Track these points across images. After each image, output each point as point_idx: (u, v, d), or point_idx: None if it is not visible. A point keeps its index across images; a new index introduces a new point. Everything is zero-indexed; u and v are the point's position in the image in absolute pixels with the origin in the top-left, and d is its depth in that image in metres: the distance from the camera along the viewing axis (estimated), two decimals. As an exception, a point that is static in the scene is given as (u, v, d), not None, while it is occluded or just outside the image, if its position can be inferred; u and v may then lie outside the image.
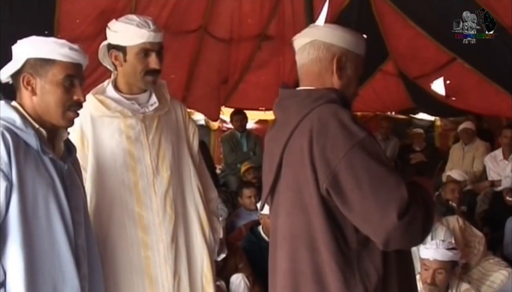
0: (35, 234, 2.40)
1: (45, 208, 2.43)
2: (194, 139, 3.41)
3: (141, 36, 3.04)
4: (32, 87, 2.50)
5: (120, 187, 3.13)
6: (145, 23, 3.06)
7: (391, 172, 2.16)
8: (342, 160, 2.14)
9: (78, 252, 2.55)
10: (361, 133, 2.17)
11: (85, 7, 6.91)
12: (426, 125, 11.33)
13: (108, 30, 3.15)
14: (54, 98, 2.50)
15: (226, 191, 8.00)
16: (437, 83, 9.58)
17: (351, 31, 2.45)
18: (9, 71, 2.53)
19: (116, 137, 3.13)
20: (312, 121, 2.24)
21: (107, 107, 3.13)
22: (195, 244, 3.30)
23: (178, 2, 7.57)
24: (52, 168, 2.48)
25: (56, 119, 2.52)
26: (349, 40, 2.40)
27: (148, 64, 3.10)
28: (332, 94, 2.31)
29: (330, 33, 2.41)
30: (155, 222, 3.15)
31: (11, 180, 2.33)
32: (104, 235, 3.10)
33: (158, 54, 3.11)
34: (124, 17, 3.14)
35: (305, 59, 2.43)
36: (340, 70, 2.38)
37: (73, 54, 2.52)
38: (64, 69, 2.50)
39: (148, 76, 3.13)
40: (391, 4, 8.36)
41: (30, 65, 2.49)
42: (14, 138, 2.36)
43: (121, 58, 3.12)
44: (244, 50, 9.16)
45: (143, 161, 3.15)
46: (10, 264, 2.34)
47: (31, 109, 2.51)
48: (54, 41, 2.55)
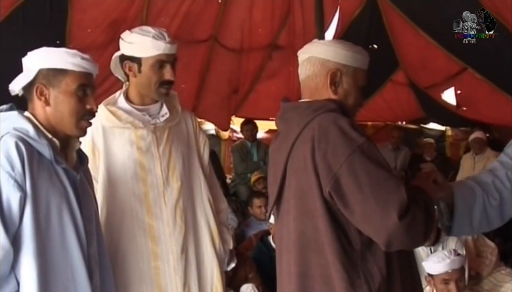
0: (49, 244, 2.40)
1: (58, 218, 2.44)
2: (204, 150, 3.42)
3: (157, 48, 3.05)
4: (45, 98, 2.51)
5: (131, 197, 3.13)
6: (161, 35, 3.08)
7: (390, 175, 2.22)
8: (343, 165, 2.21)
9: (91, 262, 2.56)
10: (360, 138, 2.24)
11: (96, 17, 6.96)
12: (437, 134, 11.31)
13: (122, 41, 3.15)
14: (67, 107, 2.51)
15: (236, 201, 8.01)
16: (448, 93, 9.57)
17: (349, 46, 2.52)
18: (21, 83, 2.54)
19: (127, 148, 3.13)
20: (313, 129, 2.31)
21: (119, 118, 3.14)
22: (205, 254, 3.30)
23: (188, 12, 7.61)
24: (65, 178, 2.49)
25: (70, 128, 2.54)
26: (344, 54, 2.47)
27: (163, 75, 3.11)
28: (331, 104, 2.40)
29: (325, 49, 2.50)
30: (165, 232, 3.15)
31: (25, 190, 2.33)
32: (114, 245, 3.10)
33: (172, 65, 3.13)
34: (139, 28, 3.15)
35: (303, 75, 2.54)
36: (335, 84, 2.46)
37: (84, 64, 2.53)
38: (77, 79, 2.51)
39: (162, 87, 3.14)
40: (401, 14, 8.37)
41: (43, 75, 2.50)
42: (28, 148, 2.36)
43: (135, 69, 3.13)
44: (255, 60, 9.18)
45: (154, 172, 3.16)
46: (24, 274, 2.34)
47: (44, 120, 2.52)
48: (66, 51, 2.57)
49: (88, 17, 6.91)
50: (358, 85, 2.49)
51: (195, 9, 7.68)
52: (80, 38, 6.85)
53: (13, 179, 2.31)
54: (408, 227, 2.14)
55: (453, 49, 8.23)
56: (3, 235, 2.27)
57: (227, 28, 8.46)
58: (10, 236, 2.29)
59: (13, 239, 2.31)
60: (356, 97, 2.50)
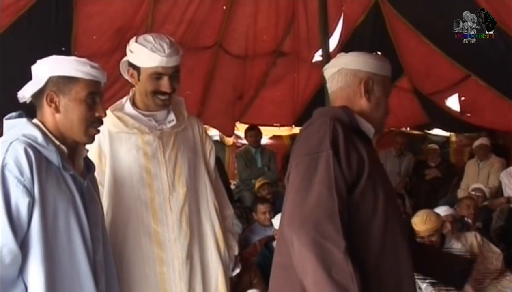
0: (56, 249, 2.42)
1: (65, 224, 2.46)
2: (210, 156, 3.43)
3: (153, 61, 3.05)
4: (55, 105, 2.53)
5: (136, 203, 3.14)
6: (160, 47, 3.05)
7: (326, 197, 2.20)
8: (298, 162, 2.32)
9: (96, 268, 2.57)
10: (326, 147, 2.27)
11: (102, 24, 6.98)
12: (441, 140, 11.27)
13: (128, 47, 3.17)
14: (77, 115, 2.54)
15: (240, 207, 8.00)
16: (451, 99, 9.58)
17: (375, 56, 2.63)
18: (31, 90, 2.56)
19: (134, 153, 3.15)
20: (306, 130, 2.42)
21: (125, 124, 3.16)
22: (210, 260, 3.30)
23: (193, 19, 7.63)
24: (73, 184, 2.52)
25: (79, 135, 2.57)
26: (373, 64, 2.56)
27: (159, 86, 3.11)
28: (340, 110, 2.46)
29: (355, 60, 2.58)
30: (171, 238, 3.16)
31: (33, 196, 2.35)
32: (120, 250, 3.11)
33: (171, 77, 3.11)
34: (142, 37, 3.14)
35: (335, 87, 2.60)
36: (368, 92, 2.54)
37: (94, 72, 2.56)
38: (87, 87, 2.55)
39: (158, 98, 3.14)
40: (405, 21, 8.38)
41: (53, 83, 2.53)
42: (36, 155, 2.38)
43: (136, 77, 3.15)
44: (259, 66, 9.20)
45: (160, 177, 3.17)
46: (31, 278, 2.36)
47: (53, 127, 2.55)
48: (76, 59, 2.60)
49: (93, 24, 6.94)
50: (387, 93, 2.59)
51: (200, 16, 7.70)
52: (86, 45, 6.88)
53: (22, 184, 2.33)
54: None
55: (457, 57, 8.24)
56: (11, 240, 2.29)
57: (232, 34, 8.48)
58: (18, 241, 2.31)
59: (21, 244, 2.33)
60: (386, 104, 2.59)
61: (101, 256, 2.64)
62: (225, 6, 8.00)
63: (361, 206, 2.29)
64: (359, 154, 2.34)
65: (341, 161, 2.27)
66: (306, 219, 2.16)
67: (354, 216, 2.25)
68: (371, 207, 2.31)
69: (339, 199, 2.19)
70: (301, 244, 2.14)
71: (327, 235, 2.12)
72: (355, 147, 2.35)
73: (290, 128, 10.67)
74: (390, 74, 2.63)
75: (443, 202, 8.03)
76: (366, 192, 2.31)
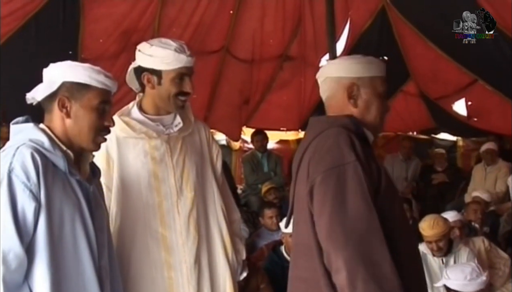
0: (61, 254, 2.42)
1: (71, 229, 2.46)
2: (217, 160, 3.43)
3: (180, 61, 3.08)
4: (66, 110, 2.53)
5: (144, 207, 3.14)
6: (182, 48, 3.11)
7: (362, 204, 2.22)
8: (320, 175, 2.29)
9: (101, 274, 2.57)
10: (349, 157, 2.27)
11: (108, 27, 7.00)
12: (448, 145, 11.23)
13: (140, 53, 3.15)
14: (88, 122, 2.54)
15: (247, 211, 7.99)
16: (458, 104, 9.56)
17: (359, 58, 2.60)
18: (42, 93, 2.56)
19: (141, 158, 3.14)
20: (319, 140, 2.39)
21: (133, 129, 3.15)
22: (218, 265, 3.29)
23: (200, 23, 7.65)
24: (79, 190, 2.51)
25: (87, 142, 2.57)
26: (356, 67, 2.55)
27: (182, 87, 3.14)
28: (346, 119, 2.46)
29: (336, 67, 2.60)
30: (179, 242, 3.15)
31: (39, 201, 2.35)
32: (127, 255, 3.11)
33: (190, 78, 3.17)
34: (158, 40, 3.16)
35: (324, 96, 2.63)
36: (353, 98, 2.52)
37: (107, 82, 2.57)
38: (99, 95, 2.55)
39: (179, 99, 3.16)
40: (411, 26, 8.37)
41: (66, 88, 2.53)
42: (43, 160, 2.38)
43: (154, 81, 3.14)
44: (266, 70, 9.21)
45: (167, 182, 3.16)
46: (37, 283, 2.35)
47: (60, 132, 2.54)
48: (91, 67, 2.60)
49: (100, 27, 6.96)
50: (377, 92, 2.55)
51: (207, 20, 7.72)
52: (92, 48, 6.90)
53: (28, 189, 2.33)
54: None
55: (464, 61, 8.23)
56: (18, 244, 2.28)
57: (239, 39, 8.50)
58: (24, 245, 2.31)
59: (27, 248, 2.33)
60: (378, 105, 2.56)
61: (106, 261, 2.64)
62: (232, 10, 8.02)
63: (384, 215, 2.27)
64: (375, 163, 2.36)
65: (365, 171, 2.28)
66: (351, 234, 2.16)
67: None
68: (391, 215, 2.32)
69: (376, 209, 2.21)
70: (349, 260, 2.14)
71: (374, 249, 2.15)
72: (367, 156, 2.35)
73: (296, 133, 10.65)
74: (382, 72, 2.58)
75: (450, 206, 8.01)
76: (385, 201, 2.32)
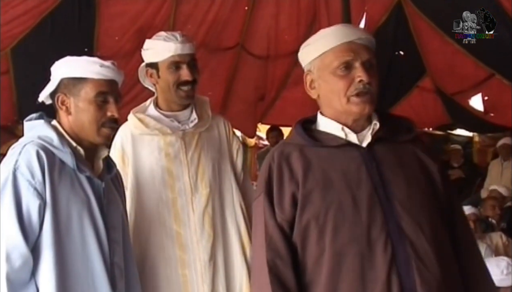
0: (69, 252, 2.41)
1: (79, 226, 2.45)
2: (238, 156, 3.38)
3: (168, 50, 3.06)
4: (66, 107, 2.54)
5: (159, 204, 3.13)
6: (172, 36, 3.08)
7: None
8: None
9: (114, 270, 2.55)
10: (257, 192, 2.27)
11: (123, 25, 7.03)
12: (464, 141, 11.19)
13: (143, 50, 3.18)
14: (87, 115, 2.52)
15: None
16: (475, 99, 9.50)
17: (310, 39, 2.31)
18: (45, 93, 2.59)
19: (156, 155, 3.13)
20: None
21: (146, 125, 3.14)
22: (234, 263, 3.24)
23: (215, 20, 7.66)
24: (88, 186, 2.50)
25: (92, 136, 2.55)
26: (306, 52, 2.29)
27: (180, 76, 3.10)
28: (293, 129, 2.35)
29: (299, 59, 2.36)
30: (193, 240, 3.12)
31: (44, 199, 2.36)
32: (142, 252, 3.10)
33: (189, 65, 3.11)
34: (155, 35, 3.18)
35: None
36: (310, 85, 2.32)
37: (104, 71, 2.53)
38: (96, 87, 2.52)
39: (181, 89, 3.12)
40: (428, 20, 8.32)
41: (64, 85, 2.53)
42: (49, 157, 2.39)
43: (155, 75, 3.15)
44: (281, 66, 9.18)
45: (182, 179, 3.14)
46: (42, 281, 2.36)
47: (68, 128, 2.55)
48: (86, 59, 2.59)
49: (115, 25, 6.99)
50: (332, 69, 2.18)
51: (222, 17, 7.73)
52: (108, 46, 6.93)
53: (33, 187, 2.34)
54: None
55: (481, 56, 8.18)
56: (22, 243, 2.29)
57: (254, 35, 8.49)
58: (30, 244, 2.31)
59: (33, 247, 2.33)
60: (338, 86, 2.18)
61: (120, 258, 2.62)
62: (247, 6, 8.02)
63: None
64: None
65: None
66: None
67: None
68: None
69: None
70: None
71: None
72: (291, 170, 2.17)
73: (312, 129, 10.62)
74: (334, 42, 2.19)
75: (466, 202, 7.96)
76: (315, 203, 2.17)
